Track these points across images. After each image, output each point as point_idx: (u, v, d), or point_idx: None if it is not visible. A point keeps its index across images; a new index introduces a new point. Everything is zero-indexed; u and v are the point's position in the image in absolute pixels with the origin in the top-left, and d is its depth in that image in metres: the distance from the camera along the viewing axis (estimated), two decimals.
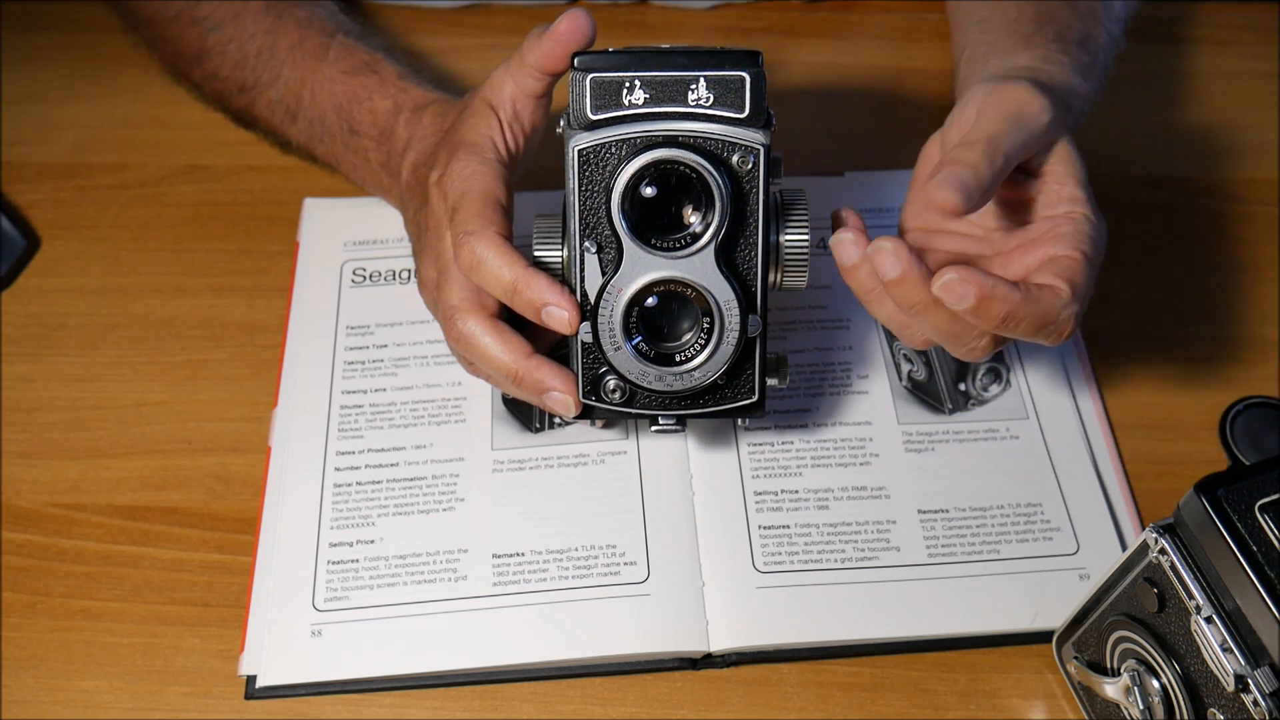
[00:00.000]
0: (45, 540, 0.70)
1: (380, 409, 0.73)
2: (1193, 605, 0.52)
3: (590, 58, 0.58)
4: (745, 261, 0.60)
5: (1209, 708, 0.54)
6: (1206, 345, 0.78)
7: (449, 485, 0.70)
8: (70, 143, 0.88)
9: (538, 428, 0.73)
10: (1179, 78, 0.93)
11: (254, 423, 0.74)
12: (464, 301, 0.63)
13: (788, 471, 0.71)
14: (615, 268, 0.59)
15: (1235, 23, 0.97)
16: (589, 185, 0.59)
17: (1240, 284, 0.82)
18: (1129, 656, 0.57)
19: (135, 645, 0.66)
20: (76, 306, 0.79)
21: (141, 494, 0.71)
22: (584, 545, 0.68)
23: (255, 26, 0.79)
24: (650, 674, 0.65)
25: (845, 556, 0.68)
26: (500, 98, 0.65)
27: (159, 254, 0.82)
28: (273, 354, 0.77)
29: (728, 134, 0.58)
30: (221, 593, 0.68)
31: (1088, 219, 0.62)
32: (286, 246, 0.82)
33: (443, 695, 0.64)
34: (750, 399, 0.62)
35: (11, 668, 0.65)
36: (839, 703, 0.64)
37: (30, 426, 0.74)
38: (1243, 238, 0.84)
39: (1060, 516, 0.69)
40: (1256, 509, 0.51)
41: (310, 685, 0.64)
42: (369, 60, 0.77)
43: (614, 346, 0.60)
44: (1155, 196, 0.86)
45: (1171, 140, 0.89)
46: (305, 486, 0.70)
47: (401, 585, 0.67)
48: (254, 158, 0.85)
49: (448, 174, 0.64)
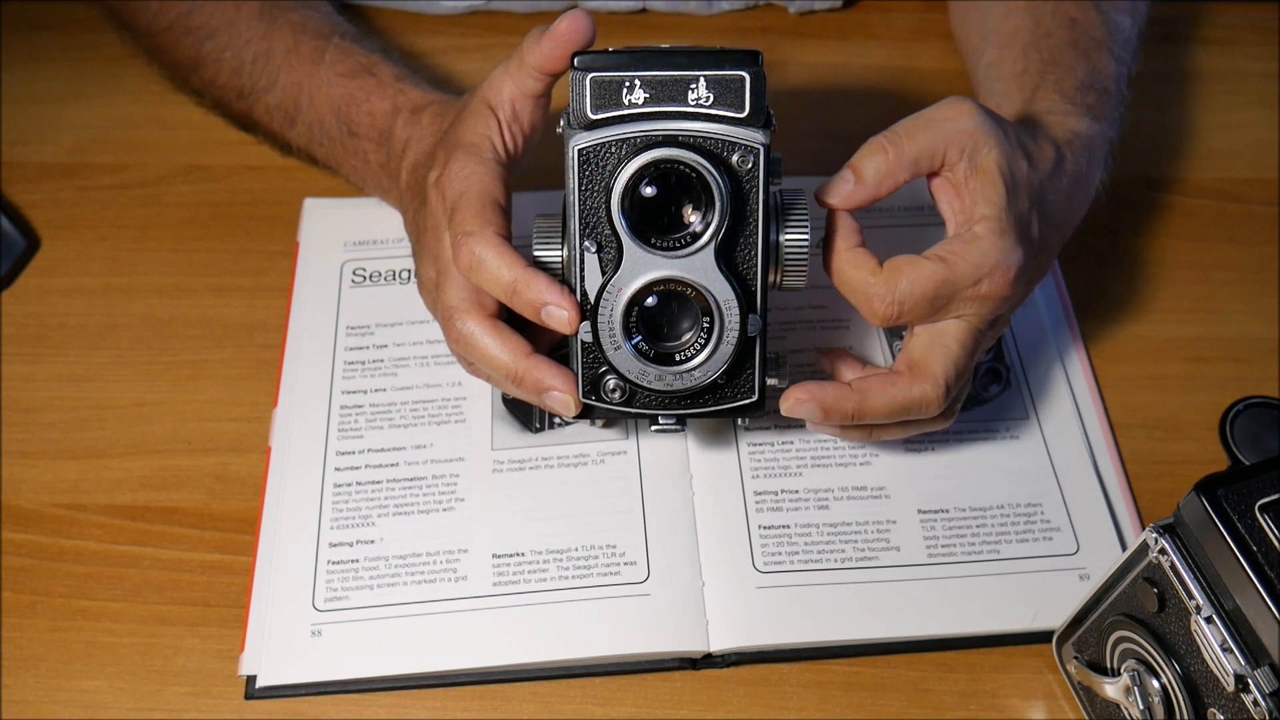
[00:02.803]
0: (45, 540, 0.70)
1: (380, 409, 0.73)
2: (1193, 605, 0.52)
3: (590, 57, 0.58)
4: (745, 261, 0.60)
5: (1209, 708, 0.54)
6: (1206, 345, 0.78)
7: (449, 485, 0.70)
8: (70, 143, 0.88)
9: (538, 428, 0.73)
10: (1179, 78, 0.93)
11: (254, 423, 0.74)
12: (463, 302, 0.63)
13: (788, 471, 0.71)
14: (615, 267, 0.59)
15: (1235, 23, 0.97)
16: (589, 185, 0.59)
17: (1240, 284, 0.82)
18: (1129, 656, 0.57)
19: (135, 645, 0.66)
20: (76, 306, 0.79)
21: (141, 494, 0.71)
22: (584, 545, 0.68)
23: (250, 33, 0.78)
24: (650, 674, 0.65)
25: (845, 556, 0.68)
26: (499, 98, 0.65)
27: (159, 254, 0.82)
28: (273, 354, 0.77)
29: (727, 134, 0.58)
30: (221, 593, 0.68)
31: (984, 238, 0.61)
32: (286, 246, 0.82)
33: (443, 695, 0.64)
34: (750, 398, 0.62)
35: (11, 668, 0.65)
36: (839, 703, 0.64)
37: (30, 426, 0.74)
38: (1243, 238, 0.84)
39: (1060, 516, 0.69)
40: (1256, 509, 0.51)
41: (310, 685, 0.64)
42: (366, 62, 0.77)
43: (614, 346, 0.60)
44: (1155, 196, 0.86)
45: (1171, 140, 0.89)
46: (305, 486, 0.70)
47: (401, 585, 0.67)
48: (254, 158, 0.85)
49: (446, 175, 0.64)
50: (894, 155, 0.61)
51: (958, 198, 0.63)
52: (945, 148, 0.62)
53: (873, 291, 0.61)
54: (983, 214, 0.62)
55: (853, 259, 0.61)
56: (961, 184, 0.63)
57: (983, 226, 0.62)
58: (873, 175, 0.61)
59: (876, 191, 0.62)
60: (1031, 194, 0.64)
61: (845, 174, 0.62)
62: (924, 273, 0.61)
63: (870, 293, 0.61)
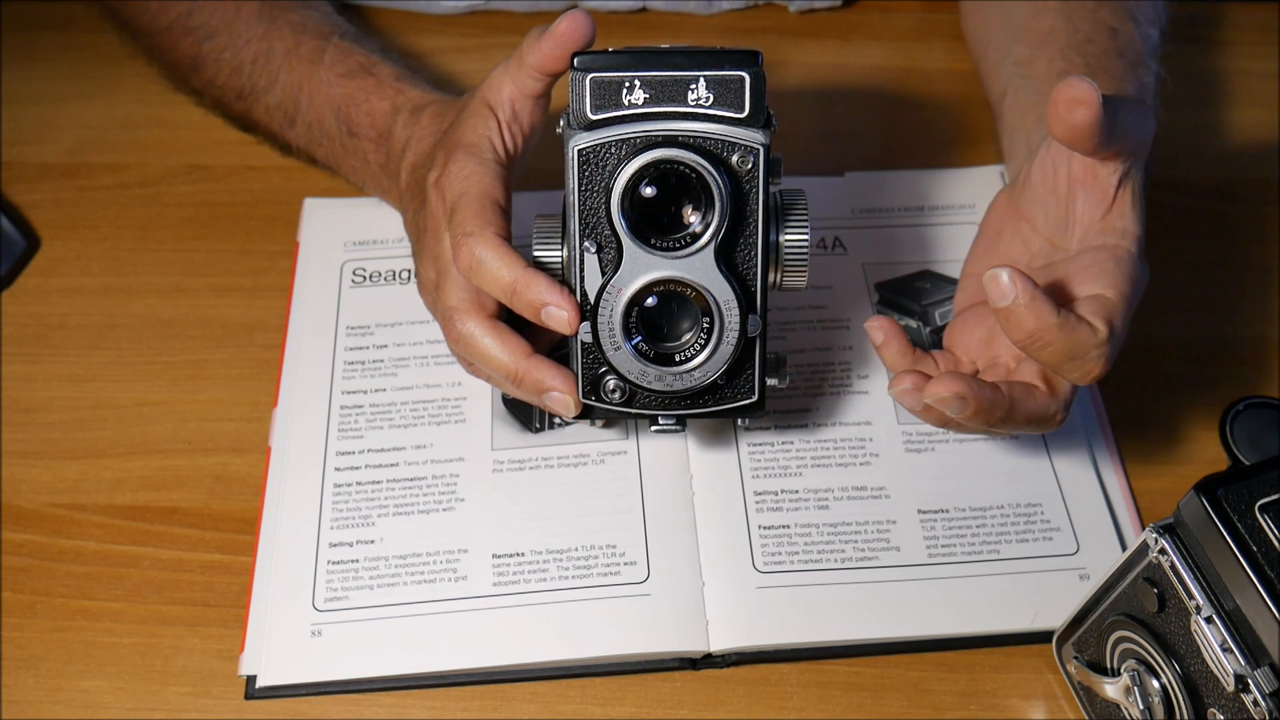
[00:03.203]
0: (45, 540, 0.70)
1: (380, 409, 0.73)
2: (1193, 605, 0.52)
3: (590, 58, 0.58)
4: (745, 261, 0.60)
5: (1209, 708, 0.54)
6: (1206, 345, 0.78)
7: (449, 485, 0.70)
8: (70, 143, 0.88)
9: (538, 428, 0.73)
10: (1178, 78, 0.93)
11: (254, 423, 0.74)
12: (463, 302, 0.64)
13: (788, 471, 0.71)
14: (615, 268, 0.59)
15: (1235, 23, 0.97)
16: (589, 185, 0.59)
17: (1240, 284, 0.82)
18: (1129, 656, 0.57)
19: (135, 645, 0.66)
20: (76, 306, 0.79)
21: (141, 494, 0.71)
22: (584, 545, 0.68)
23: (250, 33, 0.78)
24: (650, 674, 0.65)
25: (845, 556, 0.68)
26: (499, 98, 0.65)
27: (159, 254, 0.82)
28: (273, 354, 0.77)
29: (727, 134, 0.58)
30: (221, 593, 0.68)
31: (1132, 256, 0.62)
32: (286, 246, 0.82)
33: (443, 695, 0.64)
34: (750, 399, 0.62)
35: (11, 668, 0.65)
36: (839, 703, 0.64)
37: (30, 426, 0.74)
38: (1243, 238, 0.84)
39: (1060, 516, 0.69)
40: (1256, 509, 0.51)
41: (310, 685, 0.64)
42: (365, 62, 0.77)
43: (614, 346, 0.60)
44: (1155, 196, 0.85)
45: (1172, 140, 0.89)
46: (305, 486, 0.70)
47: (401, 585, 0.67)
48: (254, 158, 0.85)
49: (445, 175, 0.64)
50: (1111, 112, 0.57)
51: (1100, 202, 0.62)
52: (1132, 145, 0.60)
53: (1096, 351, 0.58)
54: (1137, 234, 0.62)
55: (1067, 323, 0.57)
56: (1109, 187, 0.62)
57: (1138, 248, 0.62)
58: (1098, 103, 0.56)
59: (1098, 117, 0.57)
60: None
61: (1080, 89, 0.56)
62: (1124, 319, 0.60)
63: (1092, 355, 0.58)
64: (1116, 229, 0.62)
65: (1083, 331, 0.58)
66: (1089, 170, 0.62)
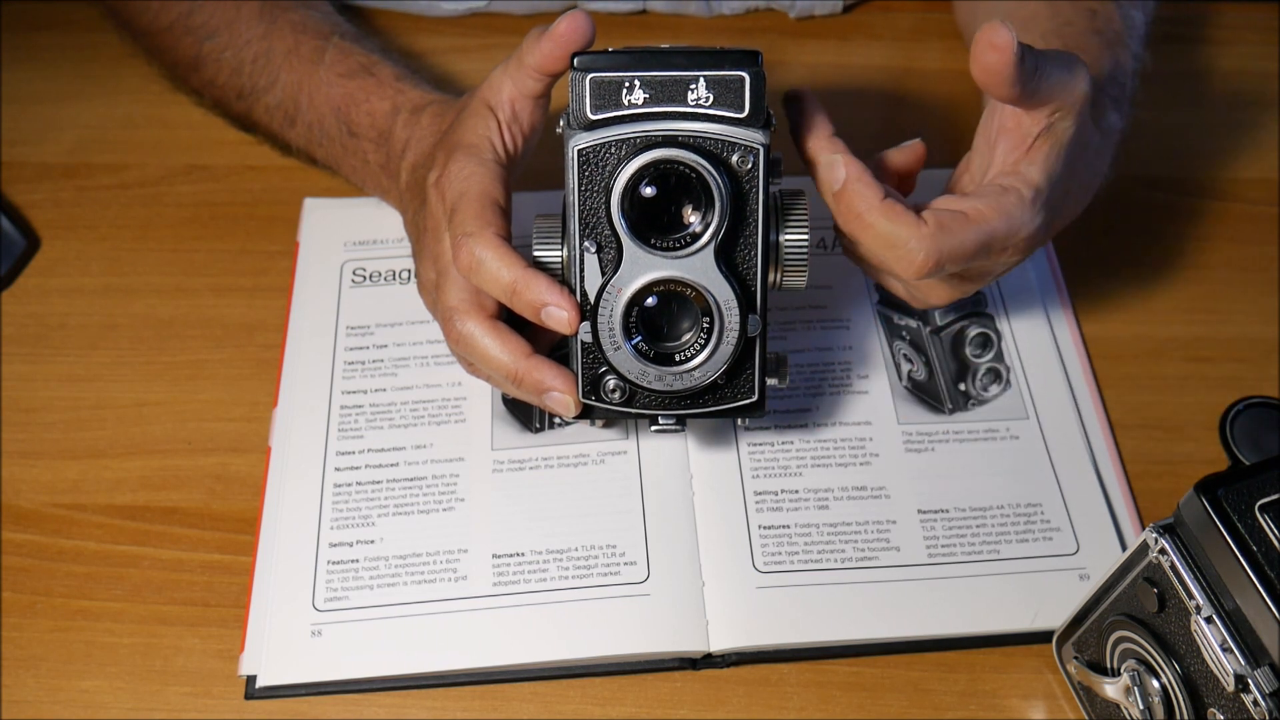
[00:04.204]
0: (45, 540, 0.70)
1: (380, 409, 0.73)
2: (1193, 605, 0.52)
3: (590, 58, 0.58)
4: (745, 261, 0.60)
5: (1209, 708, 0.54)
6: (1206, 345, 0.78)
7: (449, 485, 0.70)
8: (70, 143, 0.88)
9: (538, 428, 0.73)
10: (1179, 78, 0.93)
11: (254, 423, 0.74)
12: (463, 303, 0.64)
13: (788, 471, 0.71)
14: (615, 268, 0.59)
15: (1235, 23, 0.97)
16: (589, 185, 0.59)
17: (1240, 284, 0.82)
18: (1129, 656, 0.57)
19: (135, 645, 0.66)
20: (76, 306, 0.79)
21: (141, 494, 0.71)
22: (584, 545, 0.68)
23: (250, 32, 0.78)
24: (650, 674, 0.65)
25: (845, 556, 0.68)
26: (499, 98, 0.65)
27: (159, 254, 0.82)
28: (273, 354, 0.77)
29: (727, 134, 0.58)
30: (221, 593, 0.68)
31: (1021, 199, 0.61)
32: (286, 246, 0.82)
33: (443, 695, 0.64)
34: (750, 399, 0.62)
35: (11, 668, 0.65)
36: (839, 703, 0.64)
37: (30, 426, 0.74)
38: (1243, 238, 0.84)
39: (1060, 516, 0.69)
40: (1256, 509, 0.51)
41: (310, 685, 0.64)
42: (366, 62, 0.77)
43: (614, 346, 0.60)
44: (1155, 196, 0.86)
45: (1171, 140, 0.89)
46: (305, 486, 0.70)
47: (401, 585, 0.67)
48: (254, 158, 0.85)
49: (445, 175, 0.64)
50: (1031, 64, 0.58)
51: (1016, 148, 0.63)
52: (1056, 98, 0.61)
53: (914, 246, 0.59)
54: (1036, 182, 0.62)
55: (889, 211, 0.60)
56: (1028, 137, 0.62)
57: (1031, 194, 0.61)
58: (1029, 64, 0.58)
59: (1027, 81, 0.58)
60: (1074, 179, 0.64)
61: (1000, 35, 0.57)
62: (969, 235, 0.60)
63: (911, 247, 0.59)
64: (1019, 174, 0.62)
65: (905, 219, 0.59)
66: (1015, 119, 0.63)
